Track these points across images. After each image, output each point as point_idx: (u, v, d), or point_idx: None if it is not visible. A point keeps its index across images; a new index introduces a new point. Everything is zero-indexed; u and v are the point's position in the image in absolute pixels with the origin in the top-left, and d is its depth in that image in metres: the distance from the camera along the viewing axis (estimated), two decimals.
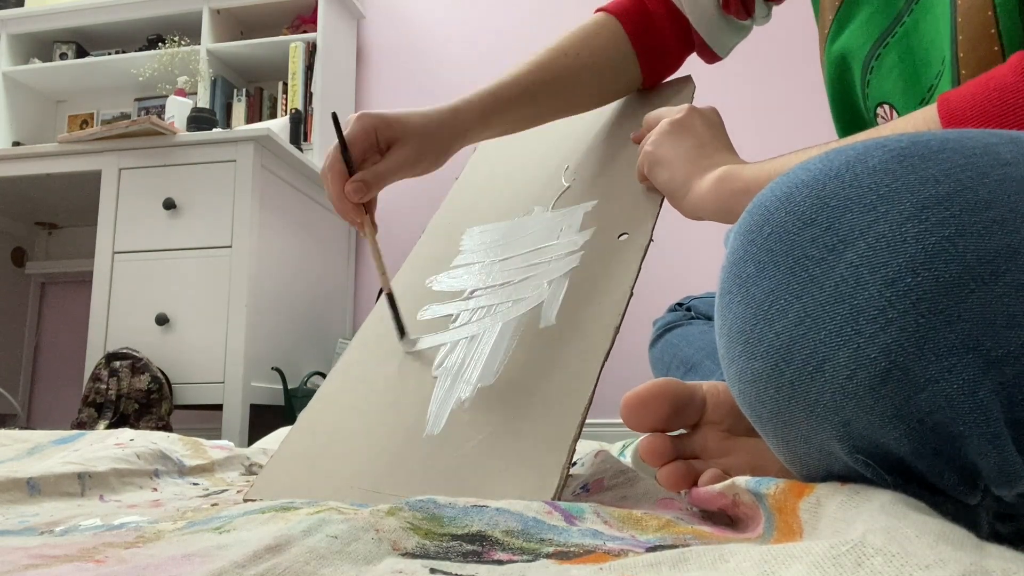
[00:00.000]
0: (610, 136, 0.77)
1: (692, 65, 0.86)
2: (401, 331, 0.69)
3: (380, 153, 0.68)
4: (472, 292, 0.70)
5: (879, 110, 0.58)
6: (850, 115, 0.63)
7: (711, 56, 0.80)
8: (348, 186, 0.65)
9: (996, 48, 0.45)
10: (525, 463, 0.50)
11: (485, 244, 0.76)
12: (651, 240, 0.61)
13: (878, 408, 0.28)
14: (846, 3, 0.59)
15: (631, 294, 0.57)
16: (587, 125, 0.82)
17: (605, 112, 0.82)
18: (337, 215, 0.69)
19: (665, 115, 0.64)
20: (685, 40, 0.80)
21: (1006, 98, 0.39)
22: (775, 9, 0.77)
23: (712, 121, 0.63)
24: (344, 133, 0.67)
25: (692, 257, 1.87)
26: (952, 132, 0.31)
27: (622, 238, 0.63)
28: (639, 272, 0.58)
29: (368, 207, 0.68)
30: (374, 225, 0.69)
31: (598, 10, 0.80)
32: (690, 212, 0.59)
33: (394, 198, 2.42)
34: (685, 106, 0.64)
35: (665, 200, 0.63)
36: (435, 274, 0.76)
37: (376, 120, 0.67)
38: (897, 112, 0.55)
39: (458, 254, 0.77)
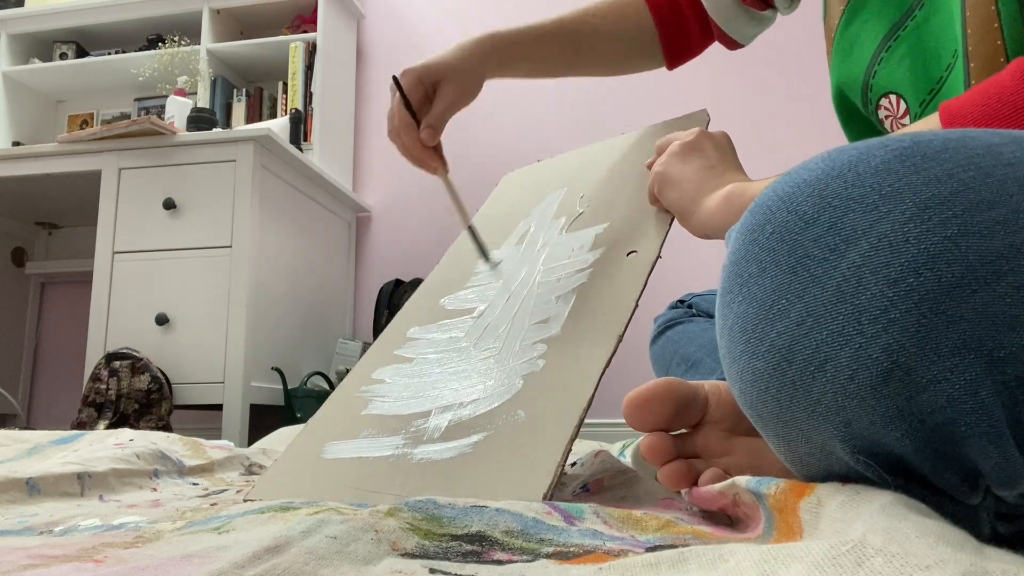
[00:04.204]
0: (626, 166, 0.79)
1: (706, 70, 0.86)
2: (485, 256, 0.79)
3: (428, 99, 0.76)
4: (483, 311, 0.71)
5: (883, 101, 0.58)
6: (851, 107, 0.63)
7: (731, 43, 0.83)
8: (423, 133, 0.74)
9: (999, 43, 0.46)
10: (520, 462, 0.50)
11: (498, 268, 0.77)
12: (659, 256, 0.61)
13: (880, 408, 0.28)
14: None
15: (636, 306, 0.57)
16: (605, 158, 0.84)
17: (622, 145, 0.83)
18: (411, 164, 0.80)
19: (676, 138, 0.65)
20: (706, 25, 0.82)
21: (1005, 102, 0.40)
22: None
23: (722, 144, 0.64)
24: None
25: (694, 254, 1.87)
26: (954, 132, 0.30)
27: (631, 256, 0.63)
28: (645, 286, 0.59)
29: (437, 150, 0.77)
30: (445, 164, 0.79)
31: None
32: (699, 230, 0.60)
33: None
34: (695, 130, 0.65)
35: (675, 220, 0.64)
36: (449, 295, 0.78)
37: (419, 71, 0.76)
38: (904, 101, 0.56)
39: (472, 276, 0.79)
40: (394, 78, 0.74)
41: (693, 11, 0.83)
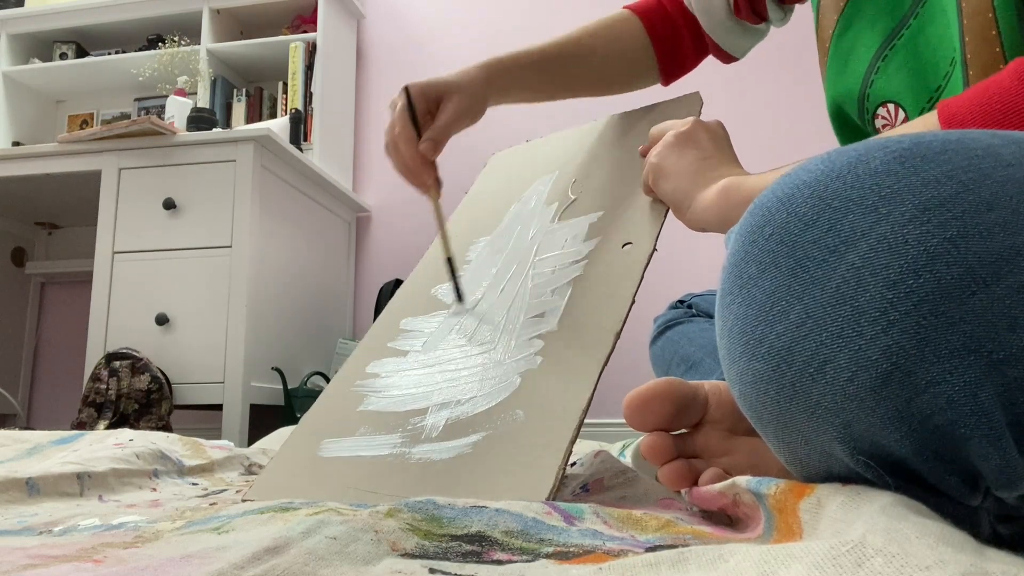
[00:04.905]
0: (618, 151, 0.78)
1: (704, 70, 0.86)
2: (459, 296, 0.73)
3: (431, 114, 0.75)
4: (477, 302, 0.71)
5: (881, 110, 0.58)
6: (846, 119, 0.63)
7: (726, 57, 0.83)
8: (423, 145, 0.72)
9: (997, 49, 0.46)
10: (521, 464, 0.50)
11: (491, 256, 0.77)
12: (655, 249, 0.61)
13: (879, 410, 0.28)
14: (851, 3, 0.59)
15: (633, 301, 0.57)
16: (596, 140, 0.83)
17: (613, 127, 0.83)
18: (404, 179, 0.77)
19: (671, 128, 0.65)
20: (700, 40, 0.82)
21: (1005, 102, 0.40)
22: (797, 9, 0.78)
23: (717, 134, 0.64)
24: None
25: (693, 254, 1.87)
26: (954, 133, 0.30)
27: (626, 247, 0.63)
28: (642, 280, 0.59)
29: (433, 168, 0.75)
30: (439, 186, 0.75)
31: (623, 7, 0.86)
32: (694, 223, 0.60)
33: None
34: (690, 119, 0.64)
35: (670, 211, 0.64)
36: (441, 283, 0.77)
37: (423, 85, 0.75)
38: (903, 110, 0.56)
39: (465, 264, 0.78)
40: (405, 88, 0.74)
41: (687, 26, 0.83)
